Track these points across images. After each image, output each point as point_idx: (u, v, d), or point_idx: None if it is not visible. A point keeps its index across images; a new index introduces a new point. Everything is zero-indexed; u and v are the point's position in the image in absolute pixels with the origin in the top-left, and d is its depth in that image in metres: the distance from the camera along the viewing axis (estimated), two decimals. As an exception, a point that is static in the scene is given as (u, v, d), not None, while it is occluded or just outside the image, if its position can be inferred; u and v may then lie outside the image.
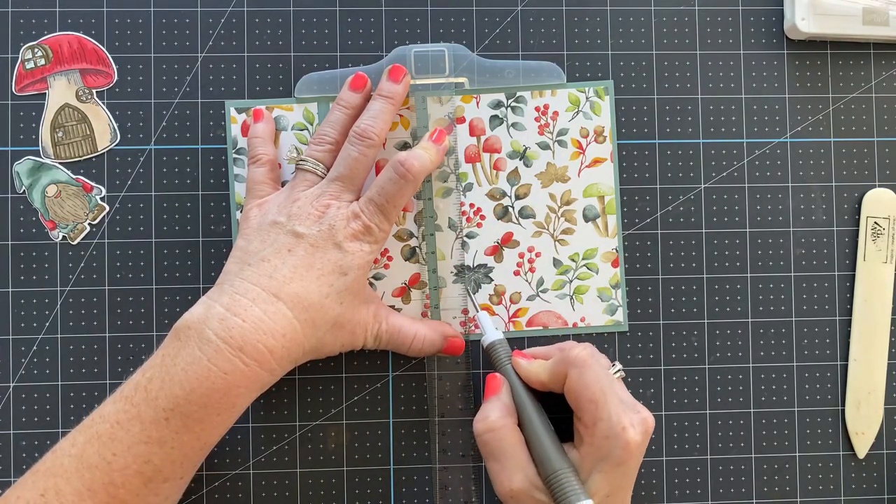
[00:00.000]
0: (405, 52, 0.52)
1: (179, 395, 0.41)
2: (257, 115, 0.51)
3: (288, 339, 0.43)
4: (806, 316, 0.53)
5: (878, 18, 0.52)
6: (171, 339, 0.43)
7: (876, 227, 0.53)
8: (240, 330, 0.42)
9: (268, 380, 0.44)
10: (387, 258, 0.51)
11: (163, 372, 0.42)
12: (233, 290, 0.43)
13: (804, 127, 0.53)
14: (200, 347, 0.41)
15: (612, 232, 0.52)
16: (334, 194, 0.46)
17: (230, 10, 0.52)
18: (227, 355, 0.41)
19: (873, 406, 0.53)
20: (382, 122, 0.48)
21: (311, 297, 0.44)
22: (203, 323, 0.42)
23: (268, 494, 0.51)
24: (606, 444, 0.42)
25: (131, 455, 0.41)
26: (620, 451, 0.42)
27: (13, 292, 0.51)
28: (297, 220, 0.45)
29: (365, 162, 0.47)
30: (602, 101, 0.52)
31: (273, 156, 0.50)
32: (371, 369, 0.52)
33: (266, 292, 0.43)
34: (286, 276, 0.44)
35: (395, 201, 0.47)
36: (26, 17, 0.52)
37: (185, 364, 0.41)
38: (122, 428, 0.41)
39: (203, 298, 0.44)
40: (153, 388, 0.41)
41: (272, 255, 0.45)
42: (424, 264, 0.52)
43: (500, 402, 0.46)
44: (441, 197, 0.52)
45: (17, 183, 0.51)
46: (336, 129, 0.49)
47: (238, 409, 0.43)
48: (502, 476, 0.44)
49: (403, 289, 0.52)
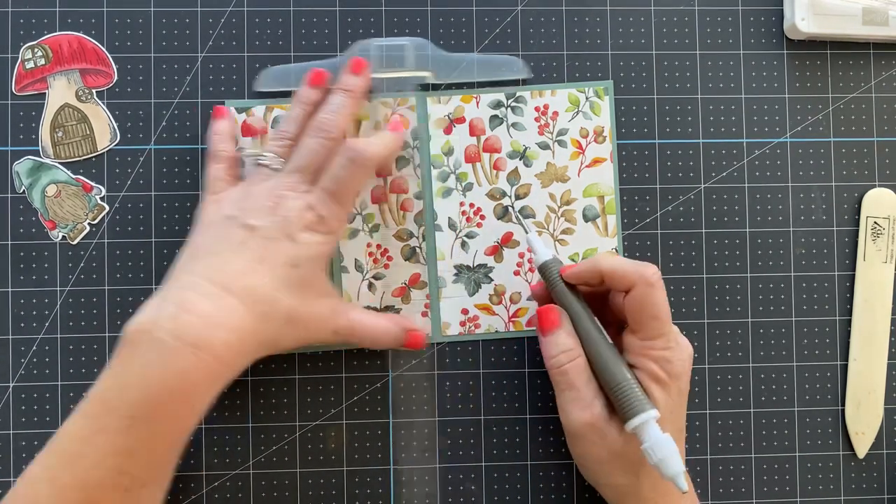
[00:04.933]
0: (367, 47, 0.52)
1: (139, 401, 0.39)
2: (218, 112, 0.51)
3: (241, 332, 0.42)
4: (806, 316, 0.53)
5: (877, 18, 0.52)
6: (123, 345, 0.41)
7: (876, 227, 0.53)
8: (192, 326, 0.40)
9: (227, 374, 0.42)
10: (386, 258, 0.51)
11: (119, 380, 0.40)
12: (181, 287, 0.43)
13: (804, 127, 0.53)
14: (154, 349, 0.40)
15: (611, 232, 0.52)
16: (290, 185, 0.46)
17: (230, 10, 0.52)
18: (182, 353, 0.40)
19: (873, 406, 0.53)
20: (342, 115, 0.48)
21: (263, 290, 0.43)
22: (154, 323, 0.40)
23: (268, 494, 0.51)
24: (662, 356, 0.44)
25: (104, 469, 0.39)
26: (678, 364, 0.44)
27: (13, 292, 0.51)
28: (250, 213, 0.45)
29: (324, 154, 0.47)
30: (602, 101, 0.53)
31: (233, 153, 0.50)
32: (371, 369, 0.52)
33: (216, 287, 0.42)
34: (238, 270, 0.43)
35: (347, 187, 0.46)
36: (26, 17, 0.52)
37: (139, 368, 0.40)
38: (88, 444, 0.40)
39: (151, 299, 0.43)
40: (111, 397, 0.40)
41: (224, 248, 0.44)
42: (424, 264, 0.52)
43: (568, 330, 0.46)
44: (441, 197, 0.52)
45: (17, 183, 0.51)
46: (295, 125, 0.48)
47: (201, 407, 0.42)
48: (581, 404, 0.45)
49: (403, 289, 0.52)
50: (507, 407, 0.52)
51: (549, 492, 0.52)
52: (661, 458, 0.41)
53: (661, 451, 0.41)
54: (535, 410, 0.52)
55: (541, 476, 0.52)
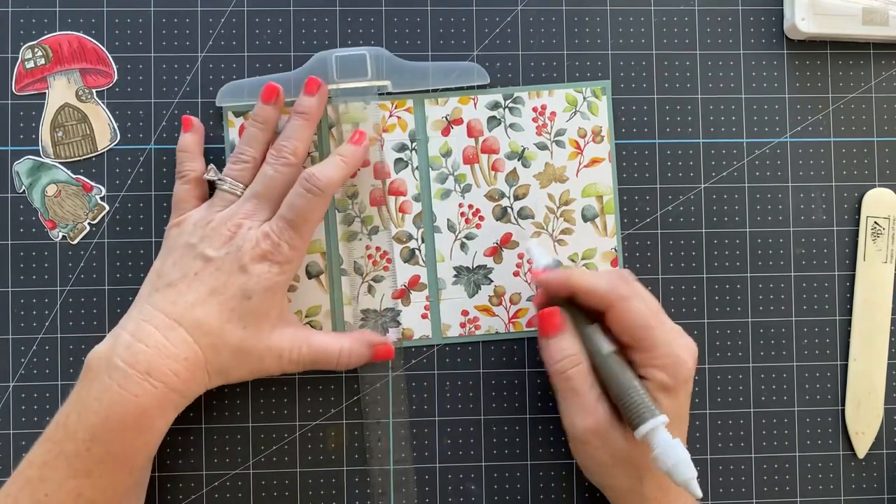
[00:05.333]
0: (326, 57, 0.51)
1: (96, 424, 0.42)
2: (186, 123, 0.50)
3: (190, 363, 0.44)
4: (806, 316, 0.53)
5: (878, 18, 0.52)
6: (84, 372, 0.44)
7: (876, 227, 0.53)
8: (145, 355, 0.43)
9: (180, 401, 0.44)
10: (386, 260, 0.51)
11: (79, 405, 0.42)
12: (140, 317, 0.44)
13: (804, 127, 0.53)
14: (110, 375, 0.42)
15: (610, 232, 0.52)
16: (247, 213, 0.46)
17: (230, 10, 0.52)
18: (135, 379, 0.42)
19: (873, 406, 0.52)
20: (298, 140, 0.48)
21: (211, 323, 0.44)
22: (111, 351, 0.43)
23: (268, 494, 0.51)
24: (666, 362, 0.44)
25: (63, 492, 0.41)
26: (684, 371, 0.44)
27: (13, 292, 0.51)
28: (207, 241, 0.46)
29: (281, 181, 0.47)
30: (599, 101, 0.52)
31: (200, 172, 0.49)
32: (371, 369, 0.52)
33: (169, 318, 0.44)
34: (189, 302, 0.44)
35: (305, 216, 0.46)
36: (26, 16, 0.52)
37: (97, 393, 0.42)
38: (49, 467, 0.42)
39: (113, 329, 0.45)
40: (71, 422, 0.42)
41: (179, 279, 0.45)
42: (424, 266, 0.52)
43: (571, 335, 0.46)
44: (440, 198, 0.52)
45: (17, 183, 0.51)
46: (252, 146, 0.49)
47: (157, 431, 0.44)
48: (585, 410, 0.44)
49: (403, 291, 0.52)
50: (507, 407, 0.52)
51: (549, 492, 0.52)
52: (673, 463, 0.40)
53: (672, 457, 0.41)
54: (535, 410, 0.52)
55: (541, 476, 0.52)
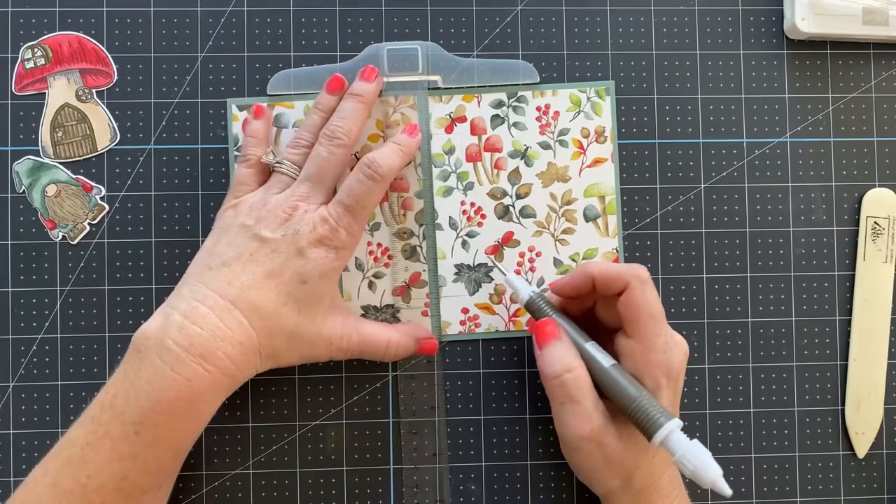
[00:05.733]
0: (379, 51, 0.52)
1: (146, 407, 0.41)
2: (258, 111, 0.51)
3: (245, 347, 0.43)
4: (806, 316, 0.53)
5: (878, 18, 0.52)
6: (132, 352, 0.43)
7: (876, 227, 0.53)
8: (199, 338, 0.42)
9: (230, 385, 0.44)
10: (387, 257, 0.52)
11: (127, 386, 0.41)
12: (191, 297, 0.43)
13: (804, 127, 0.53)
14: (162, 357, 0.41)
15: (612, 232, 0.52)
16: (303, 196, 0.46)
17: (230, 10, 0.52)
18: (188, 363, 0.41)
19: (873, 406, 0.53)
20: (352, 121, 0.48)
21: (266, 306, 0.44)
22: (163, 333, 0.42)
23: (268, 494, 0.51)
24: (665, 358, 0.44)
25: (106, 474, 0.41)
26: (677, 364, 0.44)
27: (13, 292, 0.51)
28: (264, 223, 0.45)
29: (334, 162, 0.47)
30: (603, 102, 0.53)
31: (262, 157, 0.49)
32: (371, 369, 0.52)
33: (224, 300, 0.43)
34: (244, 284, 0.44)
35: (364, 203, 0.46)
36: (26, 16, 0.52)
37: (148, 375, 0.41)
38: (92, 449, 0.41)
39: (161, 307, 0.44)
40: (119, 403, 0.41)
41: (234, 259, 0.44)
42: (425, 263, 0.52)
43: (567, 343, 0.46)
44: (442, 196, 0.52)
45: (17, 183, 0.51)
46: (313, 132, 0.49)
47: (205, 416, 0.43)
48: (580, 417, 0.44)
49: (404, 288, 0.52)
50: (507, 407, 0.52)
51: (549, 492, 0.52)
52: (696, 465, 0.40)
53: (695, 459, 0.40)
54: (535, 410, 0.52)
55: (541, 476, 0.52)
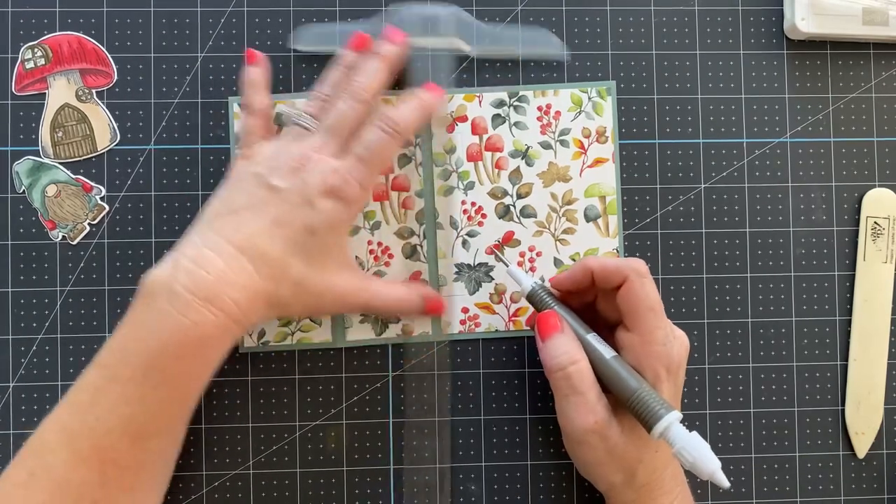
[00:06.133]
0: (403, 12, 0.51)
1: (154, 349, 0.41)
2: (251, 56, 0.50)
3: (250, 293, 0.43)
4: (806, 316, 0.53)
5: (878, 18, 0.52)
6: (140, 296, 0.43)
7: (876, 227, 0.53)
8: (205, 282, 0.42)
9: (237, 331, 0.44)
10: (387, 256, 0.51)
11: (135, 330, 0.42)
12: (200, 243, 0.44)
13: (804, 127, 0.54)
14: (170, 301, 0.41)
15: (612, 232, 0.52)
16: (316, 146, 0.46)
17: (230, 10, 0.52)
18: (195, 306, 0.41)
19: (873, 406, 0.53)
20: (375, 79, 0.48)
21: (273, 254, 0.44)
22: (171, 277, 0.42)
23: (268, 494, 0.51)
24: (664, 350, 0.44)
25: (114, 417, 0.41)
26: (677, 357, 0.45)
27: (13, 292, 0.51)
28: (276, 172, 0.45)
29: (353, 116, 0.47)
30: (604, 102, 0.53)
31: (267, 106, 0.49)
32: (371, 369, 0.52)
33: (231, 245, 0.43)
34: (253, 231, 0.44)
35: (378, 155, 0.46)
36: (26, 17, 0.52)
37: (156, 319, 0.41)
38: (100, 392, 0.41)
39: (170, 253, 0.44)
40: (127, 346, 0.42)
41: (244, 207, 0.44)
42: (425, 262, 0.52)
43: (570, 335, 0.46)
44: (442, 195, 0.52)
45: (17, 183, 0.51)
46: (332, 87, 0.48)
47: (212, 361, 0.44)
48: (583, 410, 0.44)
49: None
50: (507, 407, 0.52)
51: (549, 492, 0.52)
52: (695, 457, 0.40)
53: (693, 451, 0.40)
54: (535, 410, 0.52)
55: (541, 476, 0.52)
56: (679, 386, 0.46)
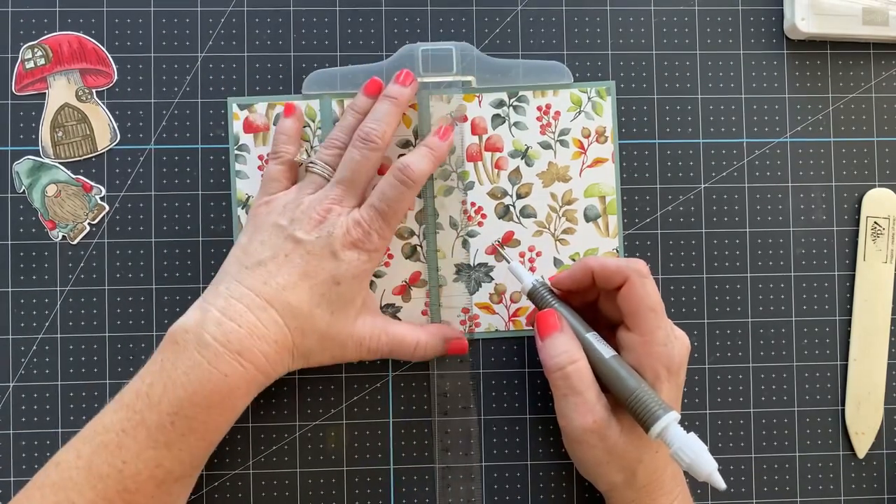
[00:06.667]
0: (413, 51, 0.52)
1: (183, 398, 0.42)
2: (288, 109, 0.51)
3: (280, 346, 0.44)
4: (806, 316, 0.53)
5: (878, 18, 0.52)
6: (169, 343, 0.43)
7: (876, 227, 0.53)
8: (236, 335, 0.43)
9: (264, 382, 0.44)
10: (387, 256, 0.51)
11: (164, 377, 0.42)
12: (228, 294, 0.44)
13: (804, 127, 0.54)
14: (200, 351, 0.42)
15: (612, 232, 0.52)
16: (336, 199, 0.47)
17: (230, 10, 0.52)
18: (226, 358, 0.42)
19: (873, 406, 0.53)
20: (386, 124, 0.48)
21: (301, 307, 0.44)
22: (201, 327, 0.43)
23: (268, 494, 0.51)
24: (665, 350, 0.44)
25: (141, 461, 0.41)
26: (678, 357, 0.45)
27: (13, 292, 0.51)
28: (298, 224, 0.46)
29: (367, 165, 0.47)
30: (604, 102, 0.53)
31: (294, 155, 0.50)
32: (371, 369, 0.52)
33: (260, 298, 0.44)
34: (280, 284, 0.44)
35: (396, 207, 0.47)
36: (26, 17, 0.52)
37: (185, 368, 0.42)
38: (128, 436, 0.42)
39: (198, 302, 0.45)
40: (155, 393, 0.42)
41: (269, 259, 0.45)
42: (425, 262, 0.52)
43: (569, 334, 0.46)
44: (443, 195, 0.52)
45: (17, 183, 0.51)
46: (347, 133, 0.49)
47: (239, 409, 0.44)
48: (582, 409, 0.44)
49: (404, 287, 0.52)
50: (507, 407, 0.52)
51: (549, 492, 0.52)
52: (692, 458, 0.40)
53: (691, 452, 0.41)
54: (535, 410, 0.52)
55: (541, 476, 0.52)
56: (680, 386, 0.46)
